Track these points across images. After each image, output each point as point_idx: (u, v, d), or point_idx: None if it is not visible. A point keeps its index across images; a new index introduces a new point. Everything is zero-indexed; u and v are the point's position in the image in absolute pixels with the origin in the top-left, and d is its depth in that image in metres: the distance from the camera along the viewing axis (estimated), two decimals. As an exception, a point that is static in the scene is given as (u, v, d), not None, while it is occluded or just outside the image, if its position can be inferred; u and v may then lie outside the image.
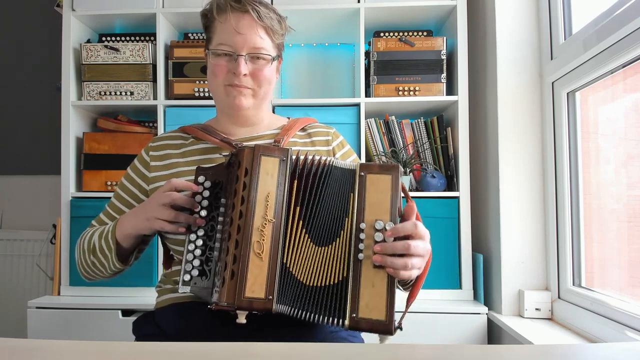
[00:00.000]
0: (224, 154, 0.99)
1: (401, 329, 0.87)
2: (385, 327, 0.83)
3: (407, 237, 0.86)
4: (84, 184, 1.85)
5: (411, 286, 0.96)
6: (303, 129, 1.16)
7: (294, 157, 0.92)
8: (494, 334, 1.64)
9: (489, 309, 1.65)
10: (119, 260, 1.02)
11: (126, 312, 1.71)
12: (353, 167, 0.93)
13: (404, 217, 0.90)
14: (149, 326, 1.04)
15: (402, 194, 0.92)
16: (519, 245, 1.61)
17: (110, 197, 1.15)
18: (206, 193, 0.93)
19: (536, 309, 1.55)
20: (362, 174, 0.90)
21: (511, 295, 1.61)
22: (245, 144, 1.01)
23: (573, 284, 1.49)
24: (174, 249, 1.04)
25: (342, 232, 0.88)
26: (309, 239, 0.88)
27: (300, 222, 0.89)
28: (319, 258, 0.88)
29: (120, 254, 1.02)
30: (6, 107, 2.35)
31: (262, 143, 1.03)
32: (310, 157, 0.94)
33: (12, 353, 0.66)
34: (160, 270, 1.81)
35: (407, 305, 0.94)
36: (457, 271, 1.75)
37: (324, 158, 0.94)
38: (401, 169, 0.93)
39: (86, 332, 1.69)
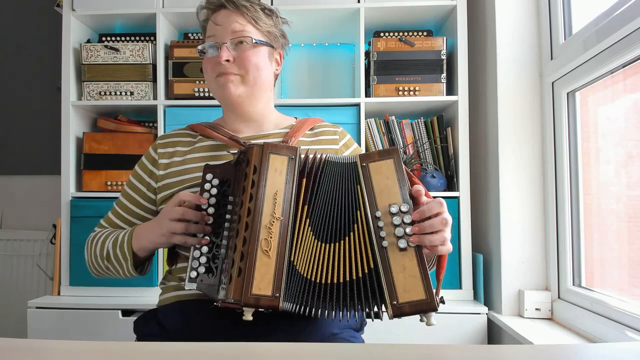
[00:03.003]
0: (232, 151, 0.99)
1: (444, 302, 0.86)
2: (429, 305, 0.83)
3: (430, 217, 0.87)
4: (84, 184, 1.85)
5: (436, 260, 0.95)
6: (311, 129, 1.17)
7: (302, 155, 0.92)
8: (494, 334, 1.64)
9: (489, 309, 1.65)
10: (134, 269, 1.05)
11: (126, 312, 1.70)
12: (352, 159, 0.92)
13: (414, 200, 0.90)
14: (151, 325, 1.04)
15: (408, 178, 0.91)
16: (519, 245, 1.61)
17: (110, 197, 1.15)
18: (214, 191, 0.93)
19: (536, 309, 1.55)
20: (364, 164, 0.90)
21: (511, 295, 1.61)
22: (253, 142, 1.01)
23: (573, 284, 1.49)
24: (180, 246, 1.04)
25: (355, 226, 0.88)
26: (314, 237, 0.88)
27: (307, 220, 0.89)
28: (328, 255, 0.87)
29: (136, 263, 1.05)
30: (6, 107, 2.35)
31: (270, 141, 1.04)
32: (314, 155, 0.94)
33: (12, 353, 0.66)
34: (161, 270, 1.81)
35: (439, 280, 0.93)
36: (457, 271, 1.75)
37: (321, 155, 0.94)
38: (400, 151, 0.92)
39: (86, 332, 1.69)
